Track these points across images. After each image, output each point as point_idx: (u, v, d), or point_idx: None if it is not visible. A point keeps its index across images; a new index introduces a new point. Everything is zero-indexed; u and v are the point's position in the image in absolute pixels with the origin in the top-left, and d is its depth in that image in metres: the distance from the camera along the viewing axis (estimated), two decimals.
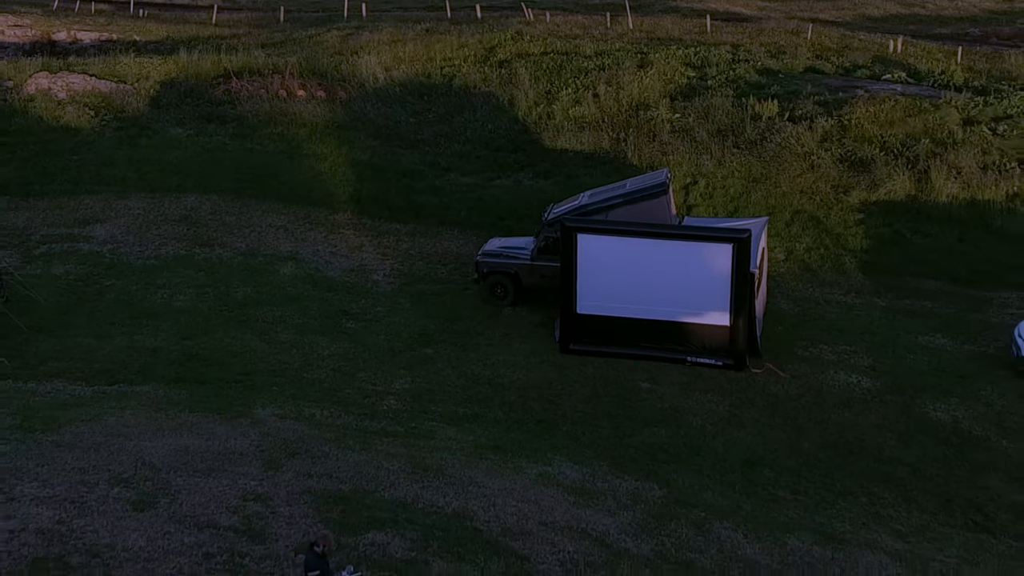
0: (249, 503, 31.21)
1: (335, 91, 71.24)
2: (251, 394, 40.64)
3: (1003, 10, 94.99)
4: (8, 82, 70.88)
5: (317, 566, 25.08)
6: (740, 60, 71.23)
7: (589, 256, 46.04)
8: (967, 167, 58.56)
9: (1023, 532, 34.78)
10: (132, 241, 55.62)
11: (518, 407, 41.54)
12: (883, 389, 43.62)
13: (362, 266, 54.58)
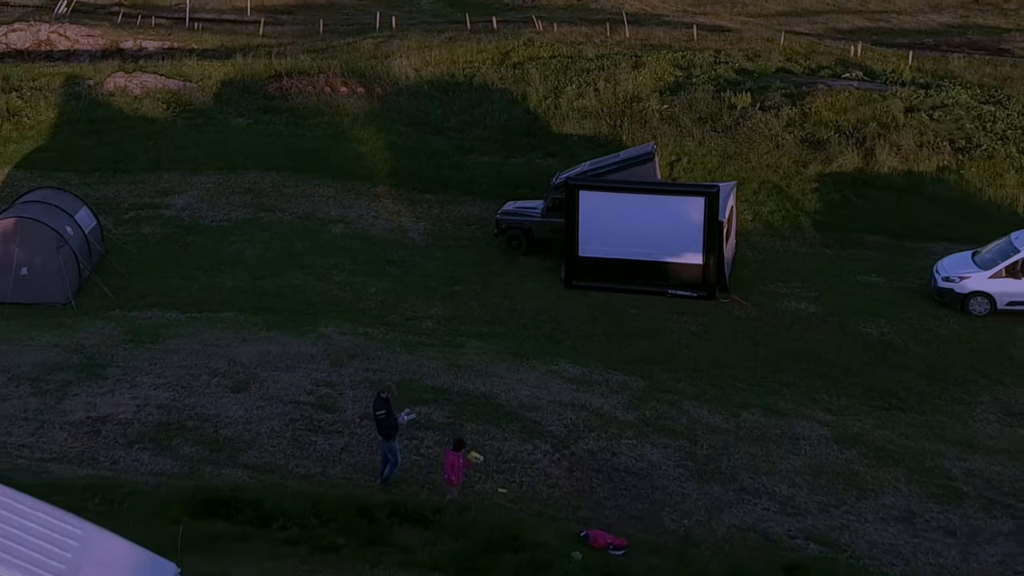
0: (321, 388, 37.86)
1: (372, 87, 74.60)
2: (315, 318, 46.32)
3: (957, 24, 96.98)
4: (89, 81, 74.52)
5: (383, 407, 31.23)
6: (721, 62, 74.10)
7: (589, 209, 51.06)
8: (906, 145, 62.63)
9: (925, 410, 40.76)
10: (206, 208, 59.98)
11: (531, 327, 47.28)
12: (825, 313, 48.96)
13: (400, 226, 59.17)
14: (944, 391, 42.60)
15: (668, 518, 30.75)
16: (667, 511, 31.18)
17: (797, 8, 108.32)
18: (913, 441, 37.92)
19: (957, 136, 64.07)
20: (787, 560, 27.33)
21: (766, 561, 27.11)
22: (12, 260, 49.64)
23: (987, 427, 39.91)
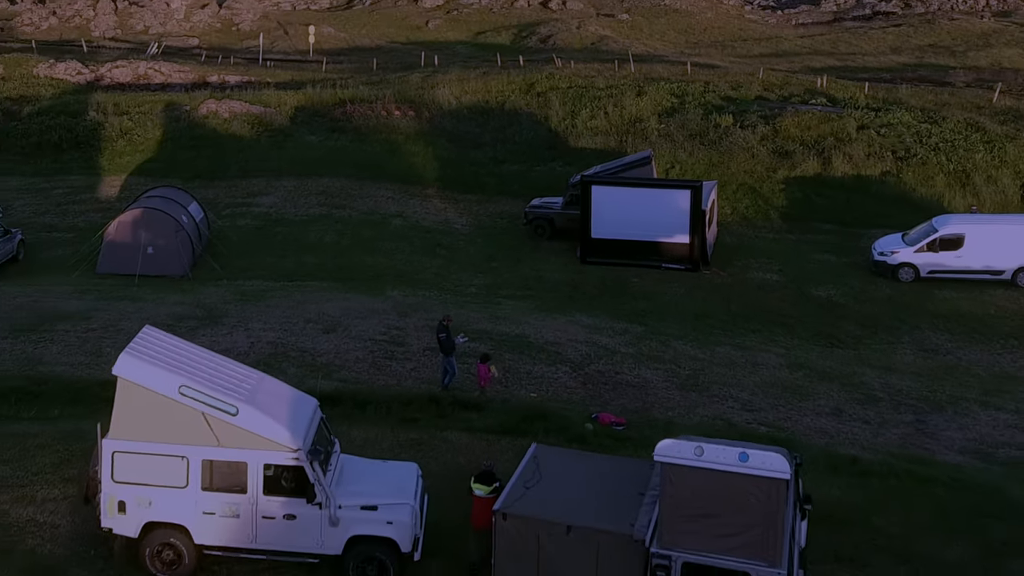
0: (392, 330, 42.76)
1: (421, 111, 79.00)
2: (383, 285, 50.69)
3: (913, 63, 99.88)
4: (186, 107, 79.13)
5: (444, 331, 36.51)
6: (709, 91, 78.06)
7: (599, 200, 55.73)
8: (857, 155, 67.19)
9: (858, 347, 45.53)
10: (288, 206, 64.25)
11: (553, 291, 52.02)
12: (786, 281, 53.69)
13: (447, 219, 63.54)
14: (874, 335, 47.18)
15: (657, 412, 35.58)
16: (656, 408, 36.10)
17: (778, 51, 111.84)
18: (846, 367, 42.49)
19: (898, 147, 68.08)
20: (743, 433, 31.67)
21: (727, 434, 30.82)
22: (140, 242, 53.37)
23: (904, 358, 44.50)
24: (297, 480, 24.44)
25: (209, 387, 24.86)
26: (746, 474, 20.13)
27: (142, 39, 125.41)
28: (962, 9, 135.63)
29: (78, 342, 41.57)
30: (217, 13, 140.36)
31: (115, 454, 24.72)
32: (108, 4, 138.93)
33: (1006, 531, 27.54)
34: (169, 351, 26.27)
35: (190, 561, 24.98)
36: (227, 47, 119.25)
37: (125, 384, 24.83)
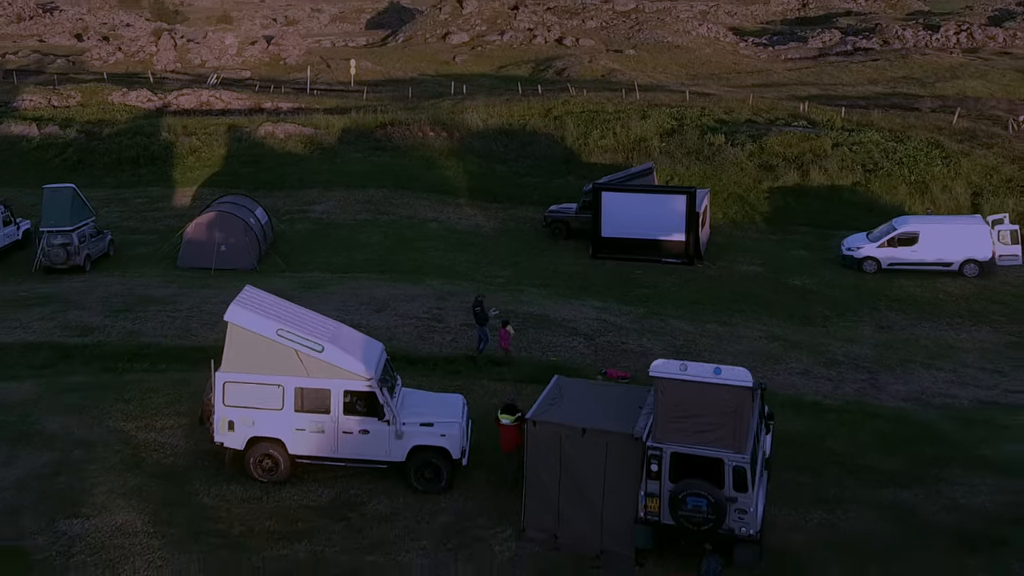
0: (432, 311, 45.45)
1: (452, 132, 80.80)
2: (423, 276, 52.94)
3: (887, 92, 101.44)
4: (246, 129, 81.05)
5: (479, 305, 39.82)
6: (705, 115, 79.61)
7: (608, 204, 57.55)
8: (831, 168, 68.99)
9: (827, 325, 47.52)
10: (339, 212, 65.97)
11: (569, 281, 53.66)
12: (767, 273, 55.49)
13: (476, 224, 65.22)
14: (840, 315, 49.45)
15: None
16: None
17: (768, 81, 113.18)
18: (815, 339, 45.12)
19: (867, 162, 70.07)
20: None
21: None
22: (215, 240, 55.75)
23: (864, 332, 46.90)
24: (369, 403, 28.33)
25: (300, 330, 28.96)
26: (719, 384, 24.06)
27: (200, 72, 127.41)
28: (935, 46, 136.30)
29: (169, 320, 44.45)
30: (266, 49, 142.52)
31: (226, 384, 28.71)
32: (169, 41, 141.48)
33: (933, 450, 31.20)
34: (267, 303, 30.42)
35: (285, 468, 28.79)
36: (276, 79, 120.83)
37: (234, 328, 28.73)
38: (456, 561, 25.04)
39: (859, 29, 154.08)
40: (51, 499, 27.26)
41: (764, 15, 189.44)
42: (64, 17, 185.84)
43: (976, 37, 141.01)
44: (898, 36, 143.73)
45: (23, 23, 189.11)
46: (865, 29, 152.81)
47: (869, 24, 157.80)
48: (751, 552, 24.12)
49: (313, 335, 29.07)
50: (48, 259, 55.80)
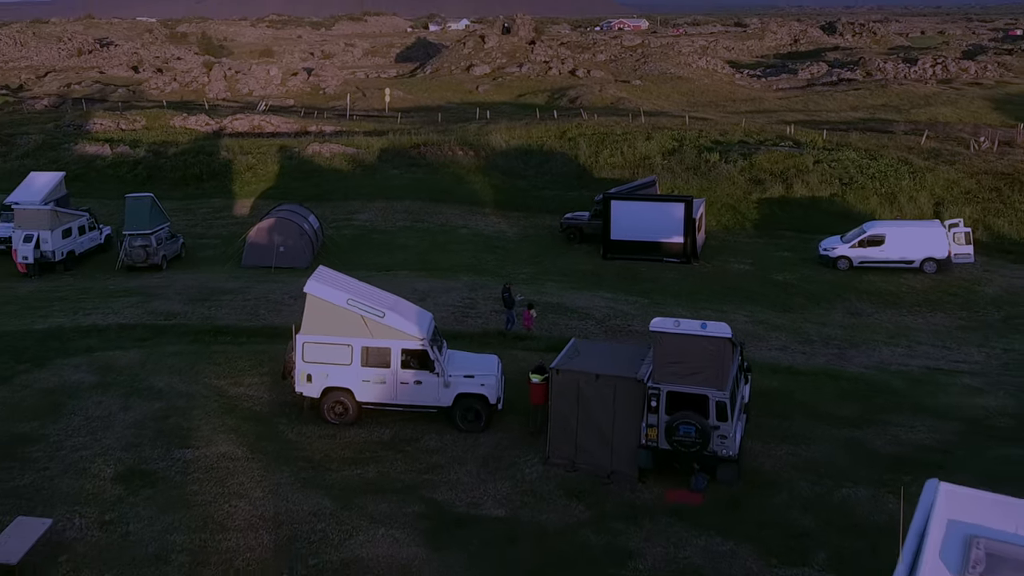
0: (466, 300, 48.45)
1: (478, 151, 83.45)
2: (457, 273, 55.53)
3: (866, 117, 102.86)
4: (296, 149, 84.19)
5: (507, 291, 43.41)
6: (702, 137, 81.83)
7: (617, 211, 59.86)
8: (812, 182, 71.46)
9: (804, 312, 50.15)
10: (380, 220, 68.80)
11: (583, 277, 56.29)
12: (755, 270, 58.05)
13: (501, 230, 67.93)
14: (817, 304, 52.17)
15: None
16: None
17: (760, 108, 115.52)
18: (793, 323, 47.93)
19: (844, 176, 72.18)
20: None
21: None
22: (274, 242, 58.54)
23: (835, 318, 49.79)
24: (422, 359, 32.24)
25: (365, 300, 32.99)
26: (704, 335, 28.07)
27: (248, 100, 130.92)
28: (912, 77, 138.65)
29: (240, 306, 47.82)
30: (307, 79, 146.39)
31: (305, 344, 32.71)
32: (219, 72, 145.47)
33: (883, 401, 34.84)
34: (337, 279, 34.49)
35: (353, 412, 32.66)
36: (317, 106, 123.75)
37: (312, 298, 32.65)
38: (495, 479, 28.81)
39: (844, 62, 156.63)
40: (165, 435, 31.01)
41: (759, 50, 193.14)
42: (120, 51, 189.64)
43: (950, 69, 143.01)
44: (879, 68, 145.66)
45: (83, 56, 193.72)
46: (850, 62, 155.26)
47: (854, 57, 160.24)
48: (731, 470, 28.08)
49: (376, 304, 33.01)
50: (130, 258, 58.63)
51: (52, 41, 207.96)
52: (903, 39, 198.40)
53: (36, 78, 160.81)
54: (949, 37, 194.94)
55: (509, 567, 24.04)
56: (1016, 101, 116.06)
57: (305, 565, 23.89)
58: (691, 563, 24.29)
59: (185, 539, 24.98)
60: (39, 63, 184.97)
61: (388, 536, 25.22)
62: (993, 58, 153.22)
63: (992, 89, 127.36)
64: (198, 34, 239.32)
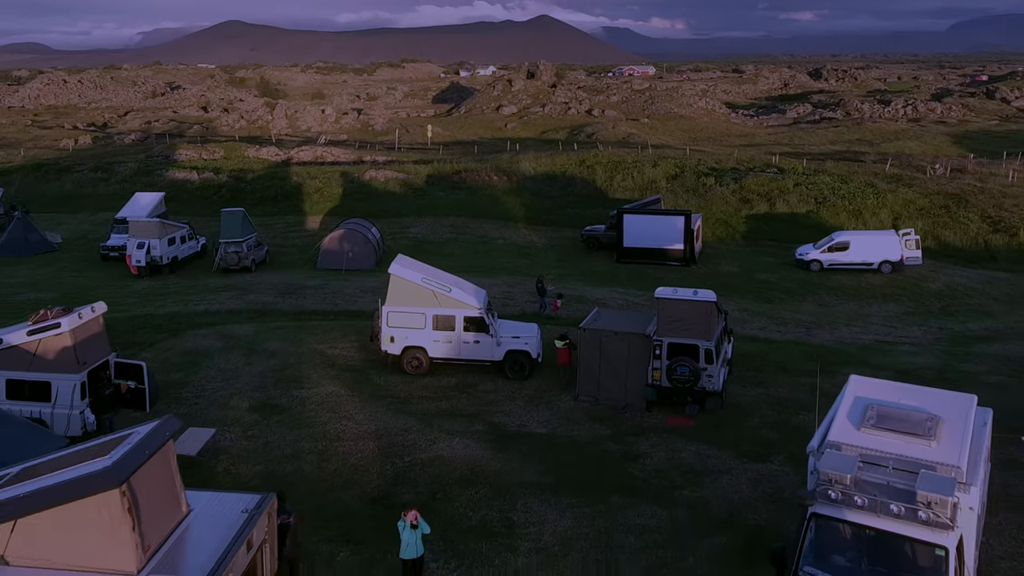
0: (504, 292, 52.94)
1: (511, 176, 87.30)
2: (496, 273, 59.49)
3: (842, 149, 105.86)
4: (355, 175, 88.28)
5: (540, 282, 48.46)
6: (700, 164, 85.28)
7: (629, 223, 63.82)
8: (792, 200, 75.11)
9: (782, 303, 54.01)
10: (429, 233, 73.12)
11: (600, 276, 60.02)
12: (742, 271, 61.57)
13: (531, 241, 71.95)
14: (792, 297, 55.93)
15: None
16: None
17: (751, 142, 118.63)
18: (772, 311, 52.25)
19: (819, 196, 75.75)
20: None
21: None
22: (344, 248, 62.54)
23: (807, 307, 53.85)
24: (479, 324, 37.99)
25: (435, 279, 38.83)
26: (695, 300, 33.90)
27: (306, 135, 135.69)
28: (886, 117, 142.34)
29: (322, 297, 53.02)
30: (358, 117, 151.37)
31: (389, 313, 38.49)
32: (281, 110, 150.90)
33: (837, 359, 40.02)
34: (414, 264, 40.22)
35: (427, 365, 38.34)
36: (367, 140, 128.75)
37: (394, 277, 38.40)
38: (537, 410, 34.53)
39: (827, 103, 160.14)
40: (283, 381, 36.85)
41: (753, 93, 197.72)
42: (189, 93, 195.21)
43: (919, 110, 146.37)
44: (857, 108, 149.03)
45: (156, 98, 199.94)
46: (832, 103, 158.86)
47: (835, 99, 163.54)
48: (716, 401, 33.83)
49: (444, 282, 38.88)
50: (224, 262, 63.01)
51: (128, 85, 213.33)
52: (881, 83, 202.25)
53: (118, 117, 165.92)
54: (921, 82, 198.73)
55: (550, 463, 29.69)
56: (973, 137, 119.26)
57: (401, 461, 29.64)
58: (685, 461, 29.88)
59: (311, 446, 30.67)
60: (118, 104, 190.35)
61: (461, 443, 30.92)
62: (958, 100, 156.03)
63: (954, 127, 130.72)
64: (256, 79, 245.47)
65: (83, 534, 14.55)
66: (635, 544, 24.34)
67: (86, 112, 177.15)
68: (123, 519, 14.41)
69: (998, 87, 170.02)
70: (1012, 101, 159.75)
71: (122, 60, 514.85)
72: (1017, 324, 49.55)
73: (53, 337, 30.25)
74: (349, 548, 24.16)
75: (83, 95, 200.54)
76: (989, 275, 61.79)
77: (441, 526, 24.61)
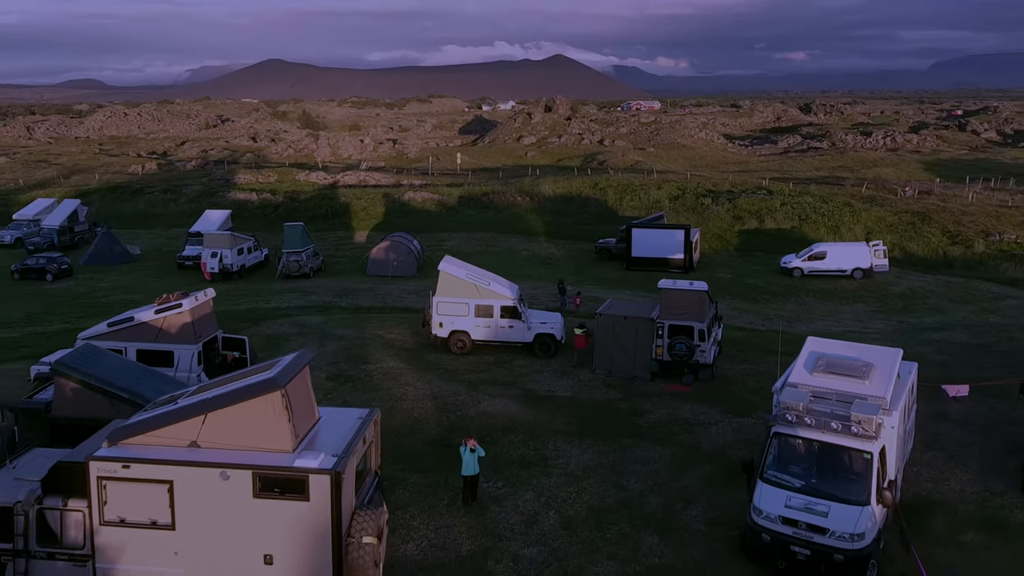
0: (530, 295, 55.48)
1: (532, 197, 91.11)
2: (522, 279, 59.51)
3: (825, 175, 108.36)
4: (395, 196, 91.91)
5: (561, 283, 54.06)
6: (699, 187, 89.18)
7: (636, 236, 67.72)
8: (779, 217, 78.83)
9: (768, 304, 57.67)
10: (462, 245, 75.84)
11: (612, 282, 63.61)
12: (734, 277, 65.14)
13: (551, 252, 75.44)
14: (776, 298, 59.52)
15: None
16: None
17: (745, 169, 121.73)
18: (759, 309, 56.07)
19: (802, 214, 79.54)
20: None
21: None
22: (389, 258, 66.42)
23: (789, 306, 57.47)
24: (513, 312, 42.51)
25: (477, 275, 43.35)
26: (691, 289, 38.48)
27: (348, 162, 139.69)
28: (867, 147, 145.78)
29: (373, 297, 57.45)
30: (393, 147, 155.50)
31: (438, 303, 42.94)
32: (324, 140, 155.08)
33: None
34: (459, 263, 44.76)
35: (470, 346, 42.71)
36: (402, 166, 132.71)
37: (443, 273, 42.87)
38: (562, 380, 38.98)
39: (814, 135, 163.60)
40: (352, 358, 41.35)
41: (749, 125, 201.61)
42: (238, 125, 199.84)
43: (898, 141, 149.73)
44: (841, 139, 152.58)
45: (209, 129, 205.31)
46: (819, 134, 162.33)
47: (822, 131, 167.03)
48: (708, 372, 38.34)
49: (483, 277, 43.44)
50: (287, 270, 66.89)
51: (182, 117, 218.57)
52: (865, 117, 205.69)
53: (176, 146, 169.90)
54: (901, 116, 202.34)
55: (573, 416, 34.23)
56: (944, 164, 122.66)
57: (454, 415, 34.30)
58: (681, 416, 34.42)
59: (380, 404, 34.94)
60: (175, 134, 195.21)
61: (501, 402, 35.56)
62: (933, 132, 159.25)
63: (928, 155, 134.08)
64: (298, 112, 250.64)
65: (254, 424, 19.24)
66: (640, 471, 28.95)
67: (146, 142, 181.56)
68: (283, 413, 19.13)
69: (969, 120, 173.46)
70: (981, 133, 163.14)
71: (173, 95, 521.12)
72: (964, 319, 53.62)
73: (175, 315, 35.02)
74: (418, 474, 28.71)
75: (142, 126, 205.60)
76: (946, 280, 65.53)
77: (489, 460, 29.12)
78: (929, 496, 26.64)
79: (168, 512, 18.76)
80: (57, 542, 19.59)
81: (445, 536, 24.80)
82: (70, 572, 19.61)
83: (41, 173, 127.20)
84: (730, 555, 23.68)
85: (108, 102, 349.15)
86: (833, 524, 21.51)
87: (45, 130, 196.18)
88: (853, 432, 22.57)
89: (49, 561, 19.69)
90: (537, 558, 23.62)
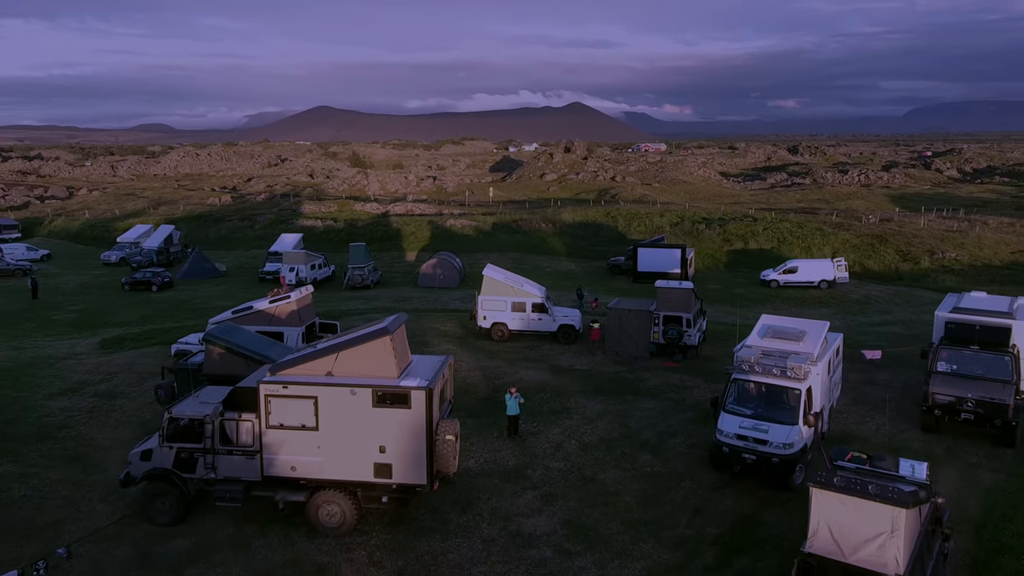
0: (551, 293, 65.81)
1: (555, 223, 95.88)
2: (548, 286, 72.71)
3: (804, 206, 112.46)
4: (439, 223, 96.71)
5: (580, 289, 60.00)
6: (696, 215, 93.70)
7: (642, 254, 72.54)
8: (761, 239, 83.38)
9: (748, 309, 62.59)
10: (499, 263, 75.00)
11: (621, 292, 67.78)
12: (721, 288, 69.55)
13: (571, 269, 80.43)
14: (756, 303, 63.50)
15: None
16: None
17: (736, 201, 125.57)
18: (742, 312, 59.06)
19: (781, 237, 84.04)
20: None
21: None
22: (437, 272, 71.07)
23: (766, 310, 59.91)
24: (541, 308, 48.36)
25: (513, 278, 49.39)
26: (680, 287, 44.64)
27: (395, 195, 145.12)
28: (842, 182, 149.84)
29: (425, 302, 62.75)
30: (434, 182, 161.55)
31: (483, 300, 48.80)
32: (374, 176, 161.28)
33: None
34: (499, 269, 50.75)
35: (507, 335, 48.62)
36: (442, 199, 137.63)
37: (487, 277, 48.80)
38: (580, 358, 44.83)
39: (799, 172, 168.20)
40: (415, 344, 46.30)
41: (743, 164, 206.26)
42: (296, 164, 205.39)
43: (870, 177, 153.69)
44: (822, 176, 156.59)
45: (271, 167, 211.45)
46: (803, 172, 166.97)
47: (806, 169, 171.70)
48: (694, 352, 44.30)
49: (518, 280, 49.52)
50: (352, 281, 71.84)
51: (246, 157, 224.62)
52: (846, 157, 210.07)
53: (243, 182, 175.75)
54: (877, 156, 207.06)
55: (590, 382, 40.12)
56: (908, 197, 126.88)
57: (498, 381, 40.34)
58: (671, 382, 40.25)
59: None
60: (241, 172, 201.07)
61: (534, 372, 41.50)
62: (902, 170, 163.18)
63: (896, 190, 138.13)
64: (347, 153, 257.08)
65: (371, 360, 25.44)
66: (639, 415, 35.03)
67: (216, 178, 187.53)
68: (391, 352, 25.40)
69: (935, 160, 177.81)
70: (944, 171, 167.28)
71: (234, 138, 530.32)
72: (904, 318, 58.89)
73: (285, 304, 41.24)
74: (474, 419, 34.84)
75: (211, 165, 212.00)
76: (895, 289, 70.43)
77: (526, 409, 35.09)
78: (852, 433, 32.53)
79: (314, 418, 24.92)
80: (233, 443, 25.73)
81: (496, 456, 30.90)
82: (243, 463, 25.70)
83: (132, 204, 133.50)
84: (701, 466, 29.74)
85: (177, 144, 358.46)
86: (772, 437, 27.58)
87: (127, 168, 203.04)
88: (788, 376, 28.62)
89: (228, 456, 25.82)
90: (563, 468, 29.73)
